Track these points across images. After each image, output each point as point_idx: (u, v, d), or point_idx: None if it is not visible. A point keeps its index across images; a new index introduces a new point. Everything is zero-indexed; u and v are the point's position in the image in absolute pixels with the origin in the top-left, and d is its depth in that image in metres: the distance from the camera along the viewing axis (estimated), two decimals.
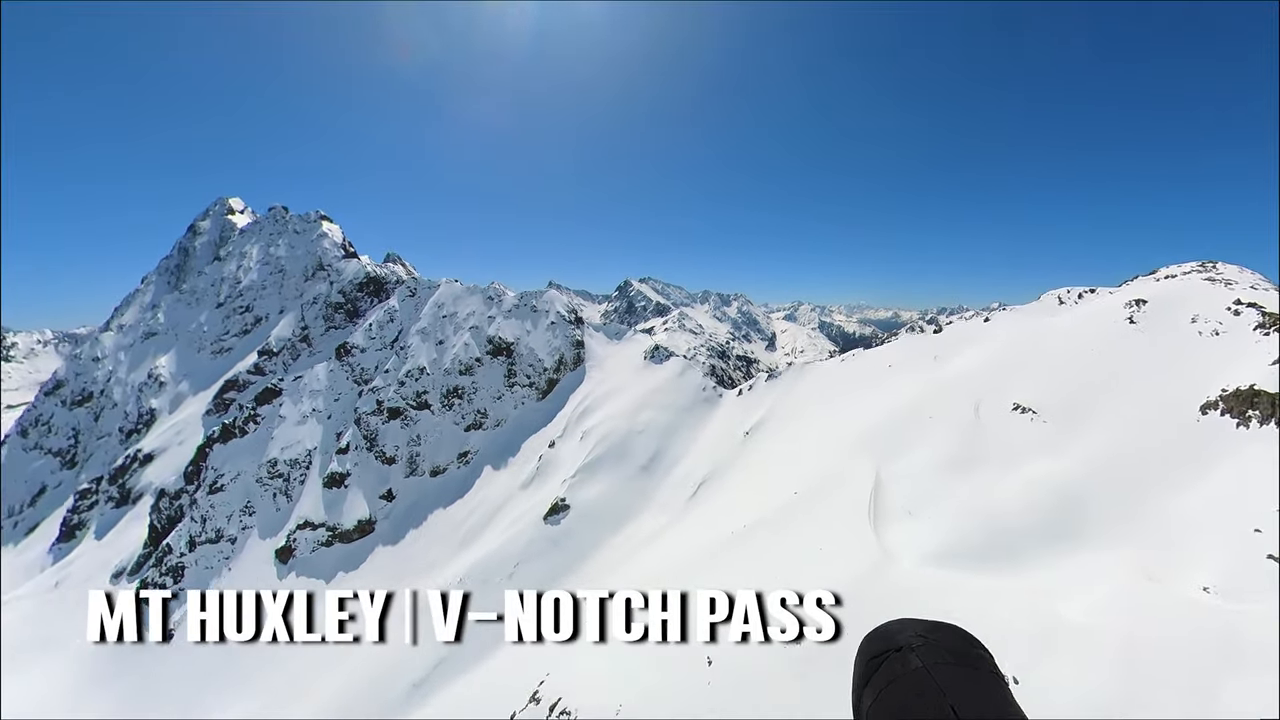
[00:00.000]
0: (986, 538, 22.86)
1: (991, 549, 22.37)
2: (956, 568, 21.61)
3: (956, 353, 37.67)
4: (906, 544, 23.17)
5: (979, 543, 22.55)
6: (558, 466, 44.48)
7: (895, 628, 0.92)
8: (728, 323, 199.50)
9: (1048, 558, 21.96)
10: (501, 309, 65.14)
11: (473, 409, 57.55)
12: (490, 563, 37.84)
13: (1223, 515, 20.50)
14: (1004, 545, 22.34)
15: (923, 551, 22.48)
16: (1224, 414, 24.58)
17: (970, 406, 31.49)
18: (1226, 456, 23.93)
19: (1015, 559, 21.91)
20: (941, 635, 0.91)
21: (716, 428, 47.15)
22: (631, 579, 29.36)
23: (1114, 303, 34.91)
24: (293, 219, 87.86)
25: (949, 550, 22.40)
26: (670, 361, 56.51)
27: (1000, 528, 23.27)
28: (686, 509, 36.47)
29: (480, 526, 44.30)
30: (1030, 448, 27.71)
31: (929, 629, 0.92)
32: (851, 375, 42.01)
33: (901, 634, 0.90)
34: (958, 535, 22.98)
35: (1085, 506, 23.84)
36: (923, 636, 0.89)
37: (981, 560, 22.04)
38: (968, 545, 22.53)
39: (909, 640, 0.88)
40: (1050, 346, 33.94)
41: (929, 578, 20.89)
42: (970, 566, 21.70)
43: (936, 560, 22.06)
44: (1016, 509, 24.12)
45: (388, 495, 54.67)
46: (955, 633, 0.93)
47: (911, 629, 0.91)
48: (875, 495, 26.55)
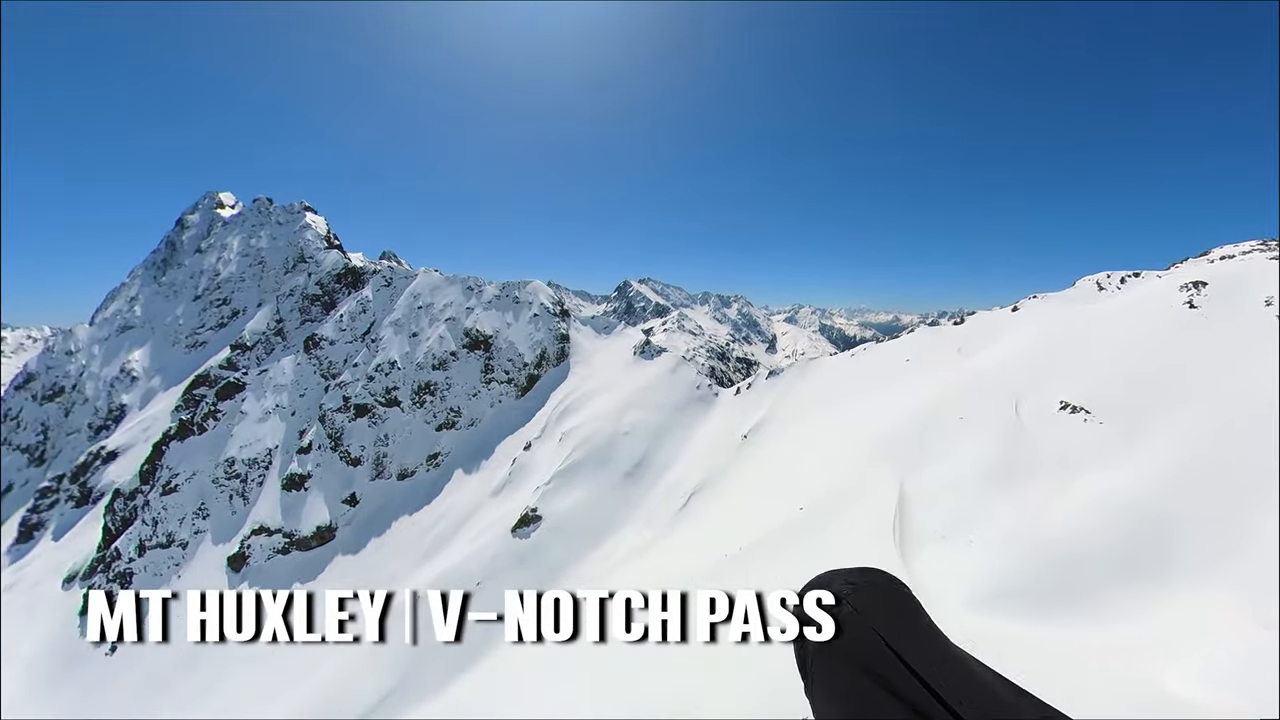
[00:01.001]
0: (1047, 572, 18.14)
1: (1055, 587, 17.68)
2: (1013, 613, 16.92)
3: (984, 345, 33.07)
4: (945, 578, 18.50)
5: (1038, 578, 17.87)
6: (532, 471, 39.77)
7: (824, 580, 0.97)
8: (728, 324, 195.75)
9: (1129, 600, 17.33)
10: (481, 300, 60.41)
11: (445, 407, 52.79)
12: (451, 579, 33.13)
13: None
14: (1070, 582, 17.69)
15: (968, 589, 17.84)
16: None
17: (1008, 406, 26.73)
18: None
19: (1087, 602, 17.25)
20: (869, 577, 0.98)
21: (711, 430, 42.43)
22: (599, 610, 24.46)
23: (1165, 286, 30.59)
24: (276, 210, 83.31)
25: (1001, 588, 17.72)
26: (662, 357, 51.79)
27: (1063, 558, 18.52)
28: (675, 523, 31.76)
29: (446, 537, 39.60)
30: (1087, 455, 23.02)
31: (857, 575, 0.98)
32: (863, 372, 37.34)
33: (831, 584, 0.95)
34: (1010, 568, 18.28)
35: (1168, 531, 19.15)
36: (851, 584, 0.95)
37: (1045, 603, 17.32)
38: (1024, 582, 17.84)
39: (841, 589, 0.94)
40: (1096, 336, 29.40)
41: (981, 627, 16.22)
42: (1031, 611, 16.99)
43: (986, 602, 17.37)
44: (1081, 533, 19.39)
45: (351, 500, 49.88)
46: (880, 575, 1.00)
47: (840, 578, 0.97)
48: (900, 514, 21.87)
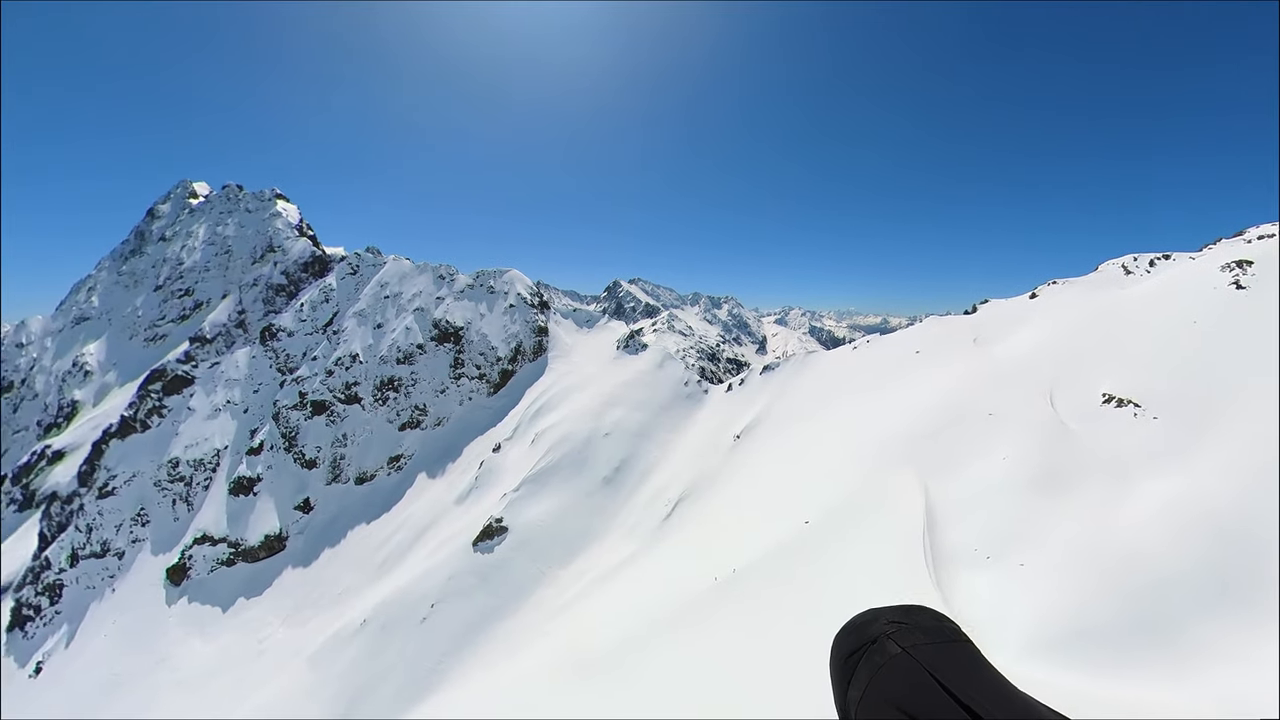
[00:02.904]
0: (1124, 599, 14.52)
1: (1139, 623, 14.04)
2: (1091, 661, 13.27)
3: (1004, 335, 29.78)
4: (996, 613, 14.76)
5: (1117, 613, 14.25)
6: (500, 476, 35.58)
7: (863, 620, 0.89)
8: (718, 325, 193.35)
9: (1225, 634, 13.82)
10: (453, 289, 56.08)
11: (410, 405, 48.36)
12: (405, 600, 28.84)
13: None
14: (1153, 615, 14.16)
15: (1027, 628, 14.17)
16: None
17: (1041, 400, 23.24)
18: None
19: (1181, 642, 13.64)
20: (913, 617, 0.89)
21: (700, 430, 38.61)
22: (568, 639, 20.49)
23: (1203, 267, 27.77)
24: (246, 197, 78.27)
25: (1071, 627, 14.04)
26: (647, 352, 47.89)
27: (1143, 584, 14.91)
28: (658, 536, 27.85)
29: (404, 549, 35.29)
30: (1145, 455, 19.57)
31: (901, 614, 0.89)
32: (868, 366, 33.84)
33: (874, 624, 0.87)
34: (1079, 599, 14.60)
35: (1258, 545, 15.80)
36: (896, 623, 0.87)
37: (1129, 646, 13.65)
38: (1100, 618, 14.17)
39: (883, 629, 0.85)
40: (1133, 322, 26.23)
41: (1049, 681, 12.49)
42: (1114, 659, 13.34)
43: (1054, 647, 13.67)
44: (1157, 551, 15.88)
45: (304, 506, 45.22)
46: (926, 613, 0.92)
47: (883, 617, 0.89)
48: (929, 529, 18.06)
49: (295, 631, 34.58)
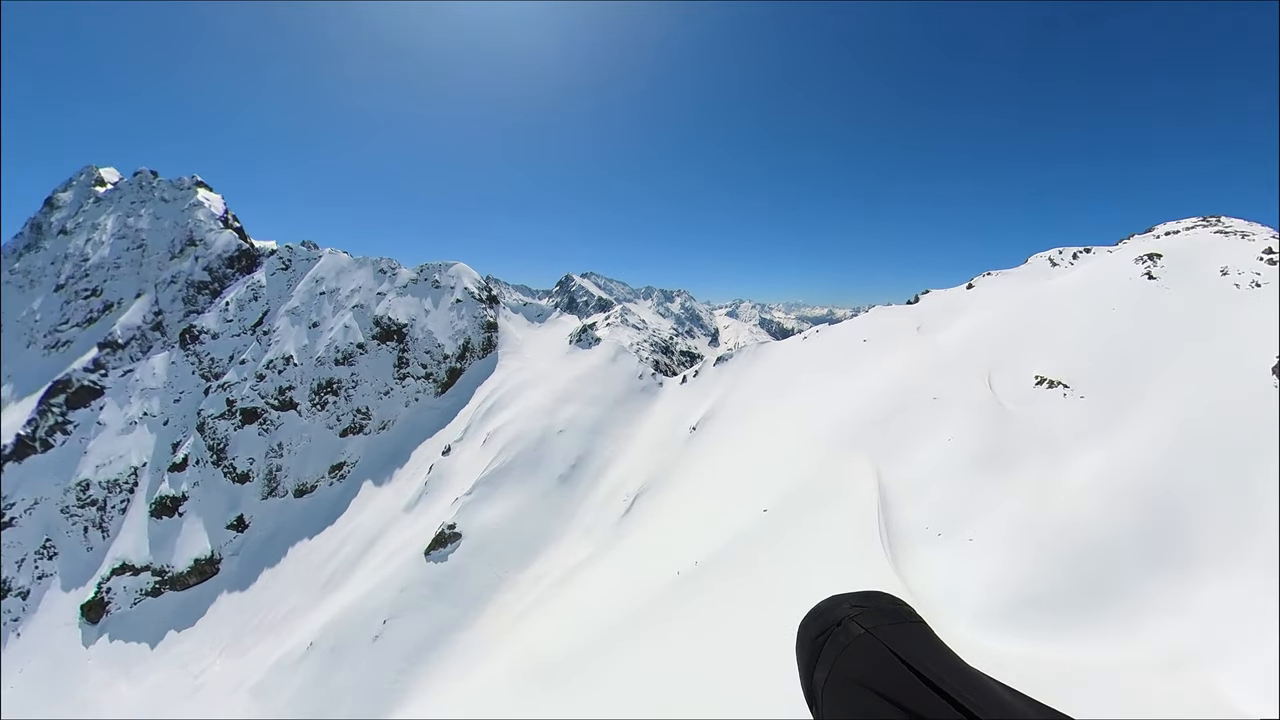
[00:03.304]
0: (1067, 571, 15.27)
1: (1080, 590, 14.82)
2: (1039, 628, 13.83)
3: (945, 323, 31.06)
4: (948, 587, 15.20)
5: (1058, 576, 15.01)
6: (451, 480, 34.11)
7: (827, 605, 0.96)
8: (671, 318, 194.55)
9: (1160, 596, 14.84)
10: (395, 284, 53.43)
11: (351, 408, 45.74)
12: (354, 618, 27.15)
13: None
14: (1095, 582, 14.99)
15: (978, 599, 14.67)
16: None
17: (981, 383, 24.28)
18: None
19: (1118, 604, 14.49)
20: (873, 600, 0.96)
21: (656, 423, 38.42)
22: (530, 645, 19.81)
23: (1120, 259, 30.20)
24: (161, 185, 70.54)
25: (1018, 596, 14.63)
26: (600, 346, 47.27)
27: (1081, 552, 15.74)
28: (617, 533, 27.46)
29: (351, 564, 33.29)
30: (1076, 432, 20.74)
31: (861, 599, 0.97)
32: (819, 354, 34.53)
33: (837, 609, 0.94)
34: (1024, 570, 15.23)
35: (1181, 509, 17.01)
36: (858, 607, 0.94)
37: (1071, 611, 14.34)
38: (1045, 586, 14.85)
39: (846, 613, 0.92)
40: (1060, 310, 27.99)
41: (1002, 650, 12.92)
42: (1058, 624, 13.97)
43: (1004, 615, 14.18)
44: (1092, 520, 16.79)
45: (238, 524, 42.02)
46: (884, 597, 0.99)
47: (845, 602, 0.96)
48: (883, 511, 18.45)
49: (235, 662, 31.99)
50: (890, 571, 15.19)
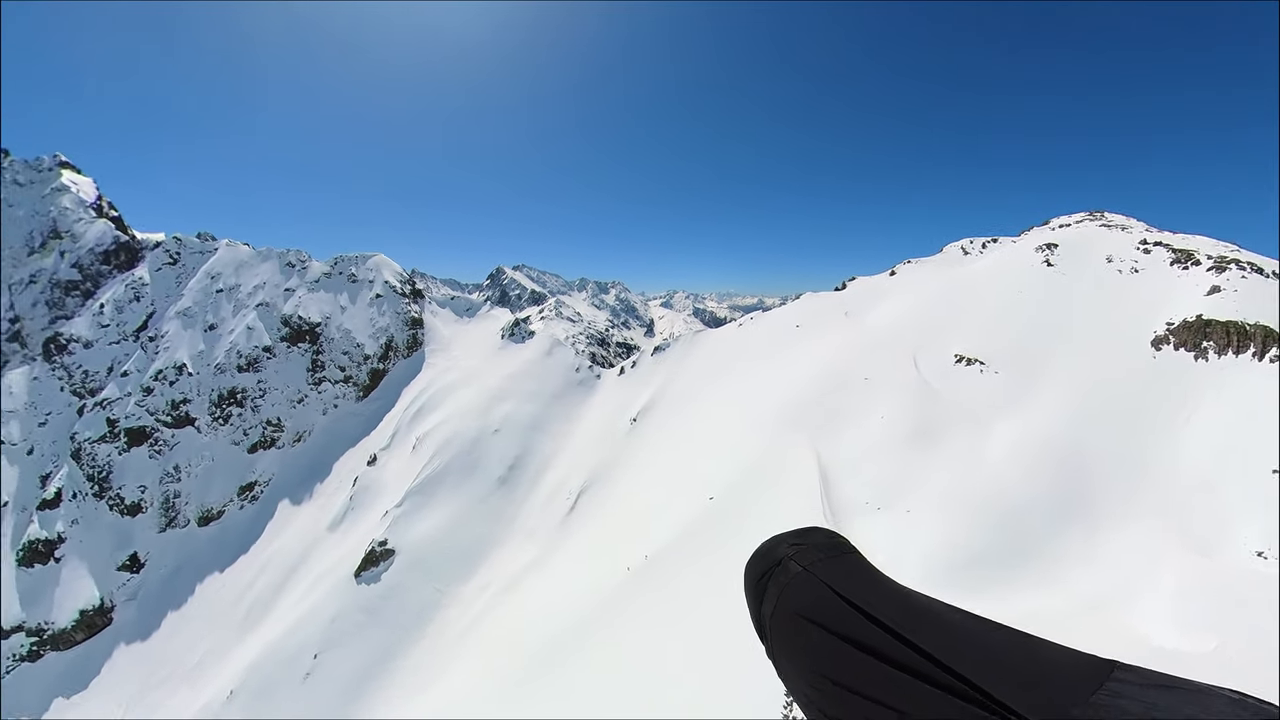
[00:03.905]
0: (995, 532, 16.43)
1: (1007, 547, 16.00)
2: (976, 585, 14.66)
3: (870, 308, 32.47)
4: (892, 554, 15.93)
5: (988, 538, 16.07)
6: (379, 492, 31.70)
7: (768, 546, 1.02)
8: (606, 310, 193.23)
9: (1074, 543, 16.42)
10: (306, 279, 48.93)
11: (260, 420, 41.51)
12: (280, 655, 24.64)
13: (1231, 461, 17.22)
14: (1017, 534, 16.34)
15: (920, 564, 15.51)
16: (1177, 347, 22.30)
17: (908, 363, 25.45)
18: (1204, 392, 20.42)
19: (1039, 558, 15.81)
20: (809, 538, 1.02)
21: (596, 416, 37.74)
22: (481, 660, 18.80)
23: (1022, 249, 33.26)
24: (15, 166, 57.70)
25: (955, 558, 15.52)
26: (534, 340, 45.74)
27: (1004, 513, 16.98)
28: (563, 532, 26.69)
29: (271, 595, 30.21)
30: (993, 404, 22.23)
31: (798, 536, 1.02)
32: (754, 341, 35.12)
33: (777, 549, 0.99)
34: (958, 534, 16.23)
35: (1086, 468, 18.70)
36: (795, 545, 0.99)
37: (1003, 568, 15.42)
38: (977, 547, 15.86)
39: (786, 552, 0.98)
40: (974, 294, 30.18)
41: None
42: (993, 580, 14.95)
43: (944, 576, 14.92)
44: (1012, 482, 18.18)
45: (131, 564, 37.20)
46: (821, 532, 1.04)
47: (785, 541, 1.01)
48: (825, 489, 18.88)
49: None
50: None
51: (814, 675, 0.81)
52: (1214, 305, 22.47)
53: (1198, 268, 25.36)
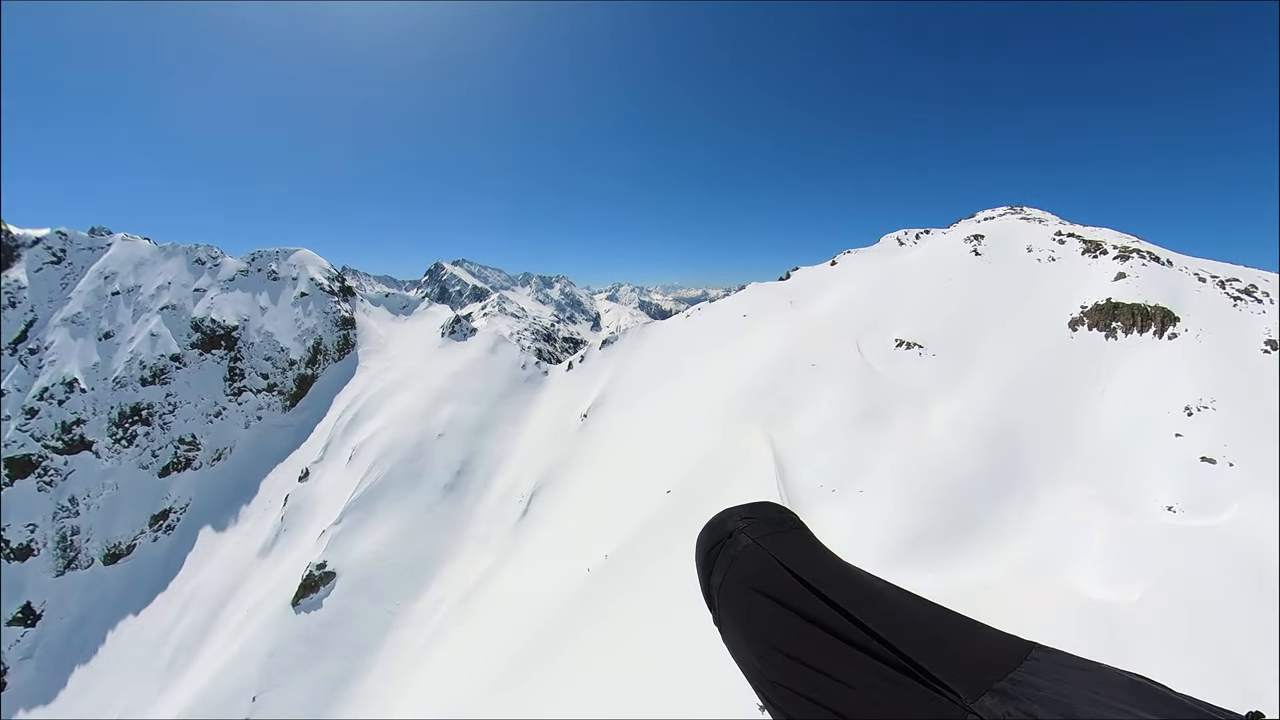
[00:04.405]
0: (940, 504, 17.38)
1: (952, 517, 17.02)
2: (931, 559, 15.40)
3: (814, 297, 33.24)
4: (851, 536, 16.46)
5: (935, 513, 16.93)
6: (314, 510, 29.30)
7: (720, 519, 1.05)
8: (551, 305, 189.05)
9: (1013, 512, 17.52)
10: (219, 278, 44.59)
11: (171, 439, 37.53)
12: (214, 701, 22.37)
13: (1142, 428, 18.84)
14: (962, 508, 17.32)
15: (878, 543, 16.16)
16: (1091, 328, 24.22)
17: (852, 348, 26.16)
18: (1115, 368, 22.20)
19: (985, 526, 16.79)
20: (759, 512, 1.05)
21: (545, 414, 36.70)
22: (442, 680, 17.81)
23: (953, 239, 35.16)
24: None
25: (909, 535, 16.30)
26: (477, 337, 43.85)
27: (949, 486, 17.97)
28: (517, 537, 25.76)
29: (198, 635, 27.35)
30: (932, 385, 23.22)
31: (749, 511, 1.06)
32: (702, 331, 35.13)
33: (728, 522, 1.02)
34: (909, 512, 16.94)
35: (1018, 441, 19.92)
36: (746, 519, 1.03)
37: (952, 539, 16.28)
38: (926, 523, 16.67)
39: (736, 525, 1.01)
40: (908, 282, 31.71)
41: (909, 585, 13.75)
42: (946, 554, 15.77)
43: (901, 552, 15.57)
44: (954, 459, 19.18)
45: (25, 616, 32.79)
46: (770, 507, 1.07)
47: (735, 515, 1.04)
48: (781, 475, 19.08)
49: None
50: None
51: (760, 644, 0.85)
52: (1120, 290, 24.73)
53: (1105, 257, 27.67)
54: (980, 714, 0.64)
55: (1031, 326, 25.43)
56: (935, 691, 0.68)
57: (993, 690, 0.67)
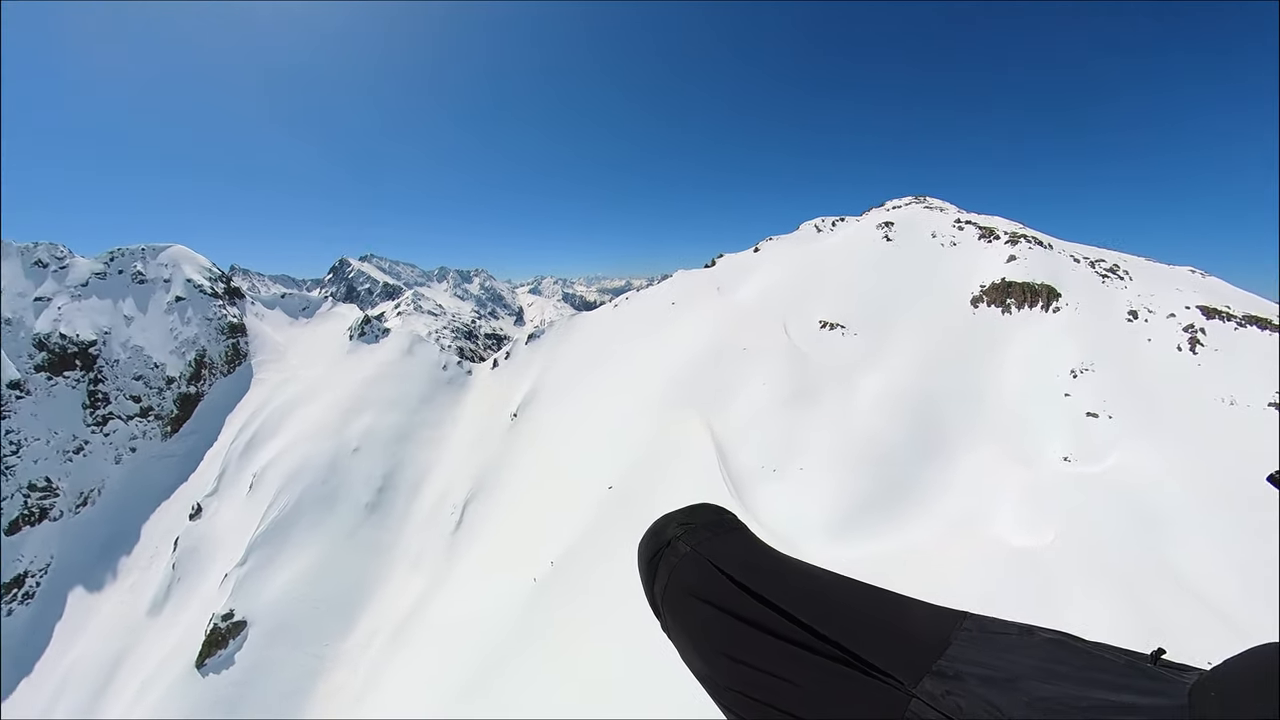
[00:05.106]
0: (873, 474, 18.40)
1: (886, 485, 18.21)
2: (873, 528, 16.31)
3: (740, 282, 33.72)
4: (795, 513, 17.11)
5: (870, 483, 17.90)
6: (212, 552, 25.50)
7: (659, 526, 1.06)
8: (471, 300, 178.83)
9: (937, 474, 18.25)
10: (67, 283, 37.72)
11: (18, 486, 31.38)
12: None
13: (1038, 391, 20.64)
14: (893, 475, 17.82)
15: (822, 518, 16.88)
16: (989, 305, 26.49)
17: (779, 331, 26.71)
18: (1011, 339, 24.19)
19: (911, 489, 18.08)
20: (697, 516, 1.06)
21: (472, 416, 34.75)
22: (392, 716, 16.31)
23: (866, 226, 37.03)
24: None
25: (851, 506, 17.24)
26: (390, 338, 40.48)
27: (879, 456, 19.13)
28: (454, 552, 24.23)
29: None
30: (856, 362, 24.24)
31: (686, 515, 1.06)
32: (631, 319, 34.60)
33: (667, 529, 1.04)
34: (848, 483, 17.78)
35: (936, 410, 21.38)
36: (684, 524, 1.03)
37: (891, 506, 17.36)
38: (865, 492, 17.65)
39: (674, 532, 1.02)
40: (828, 266, 33.09)
41: (857, 556, 14.42)
42: (886, 520, 16.86)
43: (844, 524, 16.34)
44: (881, 430, 20.47)
45: None
46: (708, 510, 1.09)
47: (673, 522, 1.05)
48: (722, 460, 19.21)
49: None
50: (743, 513, 15.71)
51: (707, 651, 0.86)
52: (1012, 271, 27.60)
53: (998, 241, 30.82)
54: (922, 698, 0.66)
55: (940, 305, 27.12)
56: (877, 680, 0.71)
57: (931, 672, 0.69)
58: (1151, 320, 22.21)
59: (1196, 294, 23.47)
